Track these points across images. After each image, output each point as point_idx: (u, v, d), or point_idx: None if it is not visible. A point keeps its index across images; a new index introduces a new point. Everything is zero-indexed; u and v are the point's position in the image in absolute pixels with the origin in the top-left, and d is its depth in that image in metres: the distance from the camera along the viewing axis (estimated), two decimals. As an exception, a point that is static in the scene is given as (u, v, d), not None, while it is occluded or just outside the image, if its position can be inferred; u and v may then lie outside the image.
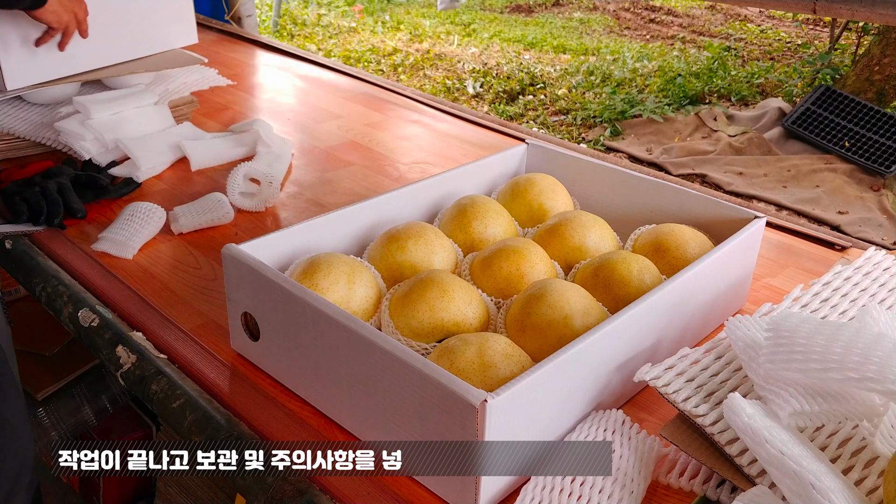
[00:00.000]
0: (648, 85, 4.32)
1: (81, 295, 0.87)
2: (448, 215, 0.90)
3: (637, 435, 0.64)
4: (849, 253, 1.02)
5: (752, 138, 3.46)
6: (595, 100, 4.15)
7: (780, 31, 5.75)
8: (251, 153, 1.24)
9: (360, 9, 6.04)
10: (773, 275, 0.96)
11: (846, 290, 0.78)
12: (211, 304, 0.87)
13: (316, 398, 0.70)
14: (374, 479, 0.62)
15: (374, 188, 1.18)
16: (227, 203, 1.05)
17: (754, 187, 3.10)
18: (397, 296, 0.73)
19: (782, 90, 4.20)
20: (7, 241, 0.99)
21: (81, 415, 1.31)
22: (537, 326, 0.69)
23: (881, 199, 3.02)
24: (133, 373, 0.76)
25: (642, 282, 0.76)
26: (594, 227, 0.86)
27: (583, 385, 0.64)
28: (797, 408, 0.55)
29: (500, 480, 0.59)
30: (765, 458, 0.52)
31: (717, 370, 0.66)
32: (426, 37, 5.42)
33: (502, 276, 0.77)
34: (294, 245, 0.80)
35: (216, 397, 0.72)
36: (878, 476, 0.56)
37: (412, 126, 1.46)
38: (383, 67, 4.78)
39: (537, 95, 4.29)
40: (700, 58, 4.86)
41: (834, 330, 0.57)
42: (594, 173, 0.99)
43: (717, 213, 0.88)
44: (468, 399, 0.54)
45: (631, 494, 0.58)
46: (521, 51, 5.16)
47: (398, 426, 0.61)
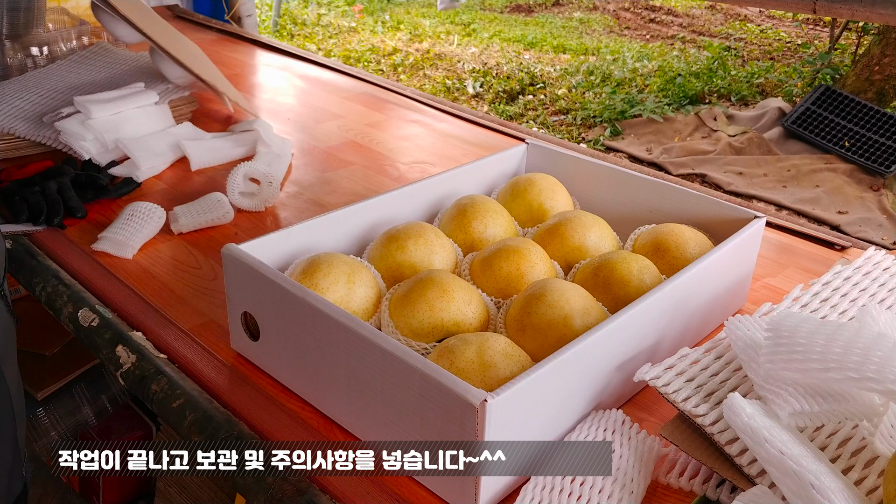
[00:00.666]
0: (648, 85, 4.32)
1: (81, 295, 0.87)
2: (448, 215, 0.90)
3: (637, 435, 0.64)
4: (849, 253, 1.02)
5: (752, 138, 3.46)
6: (595, 100, 4.15)
7: (780, 30, 5.75)
8: (251, 153, 1.24)
9: (359, 8, 6.04)
10: (772, 275, 0.96)
11: (846, 289, 0.78)
12: (211, 303, 0.87)
13: (316, 398, 0.70)
14: (374, 479, 0.62)
15: (374, 188, 1.18)
16: (226, 203, 1.05)
17: (754, 187, 3.10)
18: (397, 296, 0.73)
19: (782, 90, 4.20)
20: (7, 241, 0.99)
21: (81, 415, 1.31)
22: (537, 326, 0.69)
23: (881, 199, 3.02)
24: (133, 372, 0.76)
25: (642, 282, 0.76)
26: (594, 226, 0.86)
27: (582, 385, 0.64)
28: (797, 408, 0.55)
29: (499, 480, 0.59)
30: (764, 458, 0.52)
31: (717, 370, 0.66)
32: (426, 37, 5.42)
33: (502, 275, 0.77)
34: (294, 245, 0.80)
35: (216, 397, 0.72)
36: (878, 476, 0.56)
37: (412, 126, 1.46)
38: (383, 67, 4.78)
39: (537, 95, 4.29)
40: (700, 58, 4.86)
41: (834, 330, 0.57)
42: (594, 173, 0.99)
43: (717, 213, 0.88)
44: (468, 399, 0.54)
45: (631, 494, 0.58)
46: (520, 51, 5.16)
47: (398, 426, 0.61)
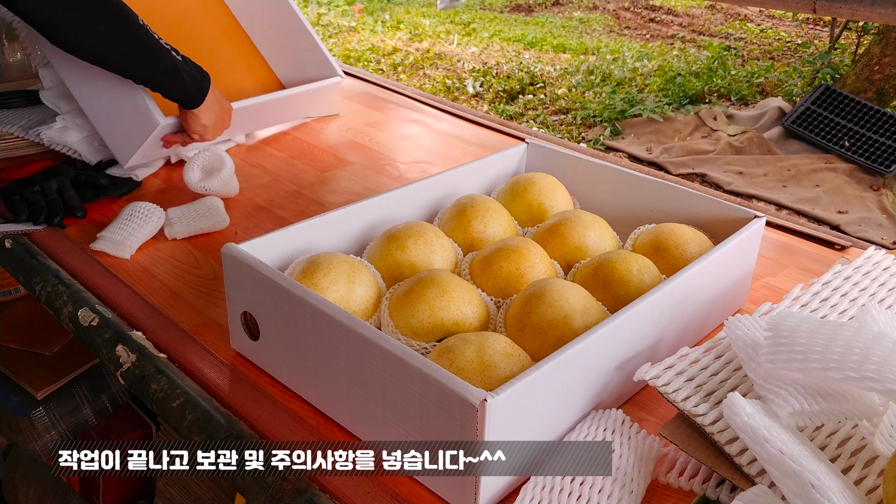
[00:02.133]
0: (648, 84, 4.32)
1: (81, 294, 0.87)
2: (448, 215, 0.90)
3: (637, 434, 0.64)
4: (848, 252, 1.02)
5: (752, 138, 3.46)
6: (595, 99, 4.15)
7: (779, 30, 5.75)
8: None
9: (359, 8, 6.04)
10: (772, 274, 0.96)
11: (846, 289, 0.78)
12: (211, 303, 0.87)
13: (316, 398, 0.70)
14: (374, 478, 0.62)
15: (374, 188, 1.18)
16: (222, 210, 1.05)
17: (754, 187, 3.10)
18: (397, 295, 0.73)
19: (782, 90, 4.20)
20: (7, 241, 0.99)
21: (81, 414, 1.31)
22: (537, 326, 0.69)
23: (881, 199, 3.02)
24: (133, 372, 0.76)
25: (642, 281, 0.76)
26: (594, 226, 0.86)
27: (582, 384, 0.64)
28: (797, 407, 0.55)
29: (499, 480, 0.59)
30: (764, 458, 0.52)
31: (717, 369, 0.66)
32: (426, 36, 5.42)
33: (502, 275, 0.77)
34: (294, 244, 0.80)
35: (216, 397, 0.72)
36: (878, 475, 0.56)
37: (412, 125, 1.46)
38: (383, 67, 4.78)
39: (537, 95, 4.29)
40: (700, 57, 4.86)
41: (834, 329, 0.57)
42: (594, 173, 0.99)
43: (717, 213, 0.88)
44: (468, 398, 0.54)
45: (631, 494, 0.58)
46: (520, 50, 5.16)
47: (398, 426, 0.61)
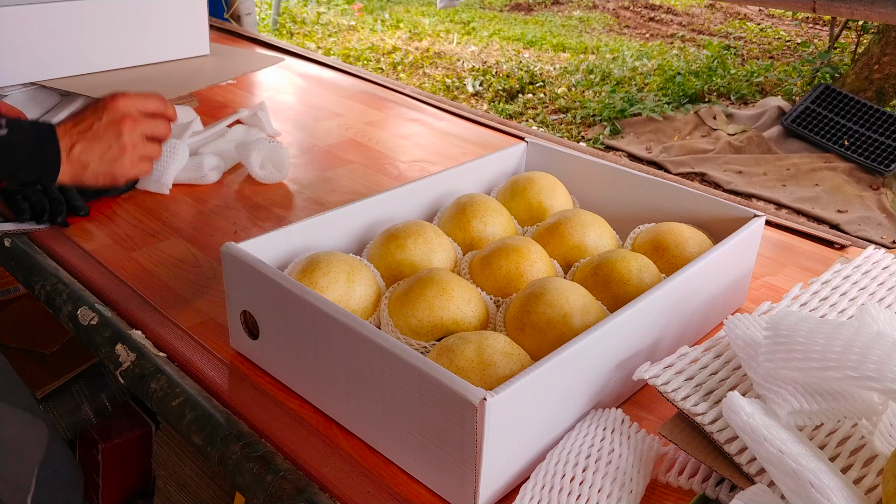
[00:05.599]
0: (648, 83, 4.32)
1: (80, 293, 0.87)
2: (447, 214, 0.90)
3: (636, 434, 0.64)
4: (848, 251, 1.02)
5: (752, 137, 3.46)
6: (594, 98, 4.15)
7: (779, 29, 5.75)
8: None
9: (359, 7, 6.04)
10: (772, 273, 0.96)
11: (845, 288, 0.78)
12: (210, 302, 0.87)
13: (315, 396, 0.70)
14: (374, 477, 0.62)
15: (374, 187, 1.18)
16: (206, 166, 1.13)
17: (754, 186, 3.11)
18: (396, 294, 0.73)
19: (782, 89, 4.20)
20: (6, 239, 0.99)
21: (81, 413, 1.31)
22: (536, 325, 0.69)
23: (880, 198, 3.02)
24: (132, 371, 0.76)
25: (641, 280, 0.76)
26: (593, 225, 0.86)
27: (582, 383, 0.64)
28: (796, 406, 0.55)
29: (499, 479, 0.59)
30: (764, 457, 0.52)
31: (717, 369, 0.66)
32: (426, 35, 5.42)
33: (502, 274, 0.77)
34: (293, 243, 0.80)
35: (215, 396, 0.72)
36: (877, 474, 0.56)
37: (412, 124, 1.46)
38: (383, 66, 4.78)
39: (537, 94, 4.29)
40: (699, 56, 4.86)
41: (833, 328, 0.57)
42: (594, 172, 0.99)
43: (717, 212, 0.88)
44: (467, 397, 0.54)
45: (630, 493, 0.58)
46: (520, 49, 5.16)
47: (397, 424, 0.61)
